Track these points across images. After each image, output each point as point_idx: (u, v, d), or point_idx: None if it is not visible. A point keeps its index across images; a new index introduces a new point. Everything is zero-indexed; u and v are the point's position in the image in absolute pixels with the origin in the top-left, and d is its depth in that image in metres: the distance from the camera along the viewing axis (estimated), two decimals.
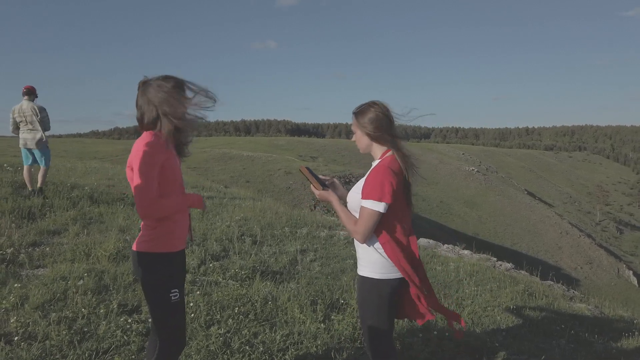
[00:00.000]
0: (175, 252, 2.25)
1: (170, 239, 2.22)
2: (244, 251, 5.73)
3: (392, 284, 2.26)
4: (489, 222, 54.26)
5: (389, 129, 2.29)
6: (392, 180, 2.17)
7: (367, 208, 2.18)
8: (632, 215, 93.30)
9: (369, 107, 2.31)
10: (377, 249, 2.26)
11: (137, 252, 2.19)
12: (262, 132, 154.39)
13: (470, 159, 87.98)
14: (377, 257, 2.26)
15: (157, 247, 2.18)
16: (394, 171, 2.22)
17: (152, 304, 2.21)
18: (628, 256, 64.76)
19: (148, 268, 2.17)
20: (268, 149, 59.46)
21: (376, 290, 2.27)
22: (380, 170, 2.21)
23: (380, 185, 2.16)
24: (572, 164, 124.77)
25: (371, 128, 2.29)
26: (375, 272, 2.27)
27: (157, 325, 2.23)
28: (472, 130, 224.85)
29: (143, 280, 2.20)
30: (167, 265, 2.21)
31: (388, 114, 2.31)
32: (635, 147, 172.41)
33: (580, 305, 5.80)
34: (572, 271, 46.54)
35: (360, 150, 2.40)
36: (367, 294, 2.30)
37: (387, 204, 2.16)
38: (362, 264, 2.33)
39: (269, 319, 3.60)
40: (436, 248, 7.99)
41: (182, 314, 2.30)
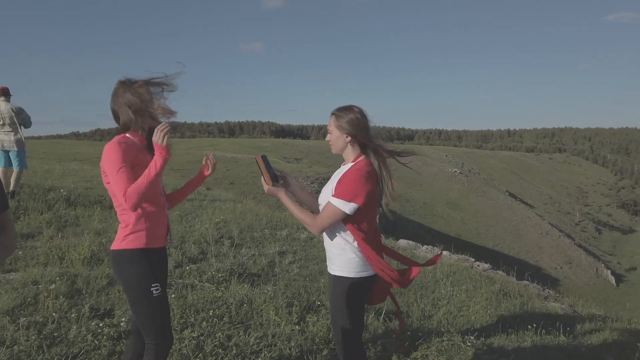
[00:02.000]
0: (152, 248, 2.27)
1: (145, 236, 2.25)
2: (222, 254, 5.71)
3: (364, 282, 2.33)
4: (471, 223, 54.92)
5: (366, 132, 2.35)
6: (366, 184, 2.24)
7: (334, 206, 2.24)
8: (611, 216, 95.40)
9: (348, 110, 2.38)
10: (353, 248, 2.31)
11: (114, 251, 2.23)
12: (247, 134, 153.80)
13: (453, 160, 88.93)
14: (353, 256, 2.32)
15: (132, 244, 2.21)
16: (369, 174, 2.28)
17: (135, 302, 2.22)
18: (606, 256, 66.15)
19: (126, 265, 2.20)
20: (252, 150, 59.28)
21: (350, 290, 2.32)
22: (356, 172, 2.27)
23: (353, 187, 2.23)
24: (553, 165, 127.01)
25: (349, 130, 2.34)
26: (350, 272, 2.33)
27: (144, 325, 2.23)
28: (455, 132, 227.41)
29: (123, 279, 2.22)
30: (145, 261, 2.23)
31: (366, 118, 2.38)
32: (613, 149, 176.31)
33: (554, 305, 5.92)
34: (552, 271, 47.35)
35: (333, 151, 2.45)
36: (341, 294, 2.34)
37: (356, 206, 2.23)
38: (335, 263, 2.37)
39: (243, 321, 3.61)
40: (415, 249, 8.06)
41: (167, 310, 2.31)
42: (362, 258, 2.31)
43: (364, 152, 2.38)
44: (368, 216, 2.32)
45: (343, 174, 2.32)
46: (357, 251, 2.31)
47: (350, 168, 2.34)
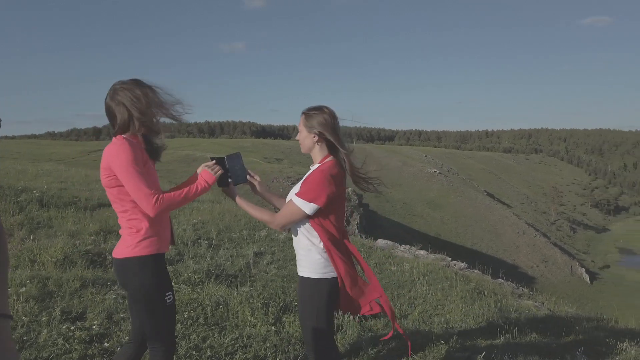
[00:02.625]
0: (163, 253, 2.26)
1: (158, 240, 2.22)
2: (199, 255, 5.67)
3: (331, 282, 2.33)
4: (450, 222, 55.61)
5: (334, 134, 2.36)
6: (329, 186, 2.25)
7: (295, 205, 2.27)
8: (585, 215, 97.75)
9: (318, 110, 2.39)
10: (318, 250, 2.32)
11: (126, 259, 2.15)
12: (227, 134, 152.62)
13: (433, 161, 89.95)
14: (318, 257, 2.33)
15: (146, 250, 2.16)
16: (333, 176, 2.28)
17: (150, 311, 2.17)
18: (581, 254, 67.78)
19: (141, 273, 2.15)
20: (233, 150, 58.78)
21: (317, 290, 2.33)
22: (321, 174, 2.27)
23: (316, 187, 2.24)
24: (529, 165, 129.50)
25: (317, 130, 2.35)
26: (315, 272, 2.33)
27: (157, 332, 2.20)
28: (435, 133, 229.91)
29: (136, 287, 2.15)
30: (159, 268, 2.21)
31: (335, 120, 2.38)
32: (587, 150, 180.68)
33: (528, 302, 6.05)
34: (528, 269, 48.29)
35: (302, 150, 2.46)
36: (307, 294, 2.36)
37: (316, 207, 2.24)
38: (302, 264, 2.38)
39: (219, 322, 3.59)
40: (393, 249, 8.14)
41: (175, 317, 2.31)
42: (328, 259, 2.32)
43: (332, 153, 2.38)
44: (334, 218, 2.32)
45: (307, 175, 2.34)
46: (322, 252, 2.31)
47: (315, 169, 2.35)
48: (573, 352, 4.26)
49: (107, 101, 2.20)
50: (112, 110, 2.19)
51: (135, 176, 2.06)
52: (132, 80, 2.22)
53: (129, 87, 2.18)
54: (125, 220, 2.19)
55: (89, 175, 12.57)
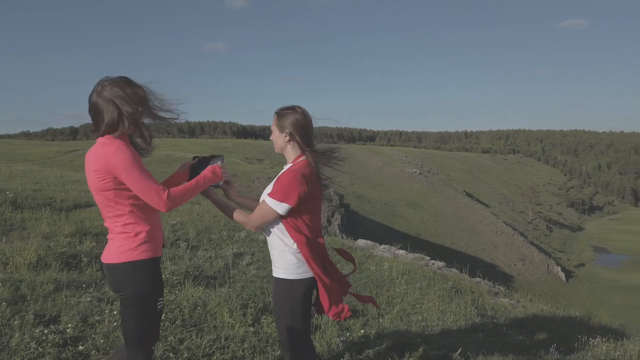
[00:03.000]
0: (159, 257, 2.22)
1: (155, 244, 2.19)
2: (178, 256, 5.62)
3: (306, 283, 2.33)
4: (430, 222, 56.15)
5: (305, 134, 2.36)
6: (300, 185, 2.24)
7: (268, 205, 2.27)
8: (561, 214, 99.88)
9: (291, 110, 2.39)
10: (292, 251, 2.32)
11: (123, 264, 2.10)
12: (207, 134, 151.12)
13: (413, 161, 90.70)
14: (292, 258, 2.33)
15: (145, 254, 2.13)
16: (305, 176, 2.28)
17: (138, 316, 2.13)
18: (557, 253, 69.24)
19: (138, 278, 2.11)
20: (213, 151, 58.35)
21: (290, 291, 2.33)
22: (291, 174, 2.27)
23: (287, 187, 2.24)
24: (507, 166, 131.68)
25: (290, 130, 2.35)
26: (289, 273, 2.33)
27: (138, 338, 2.16)
28: (415, 134, 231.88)
29: (131, 292, 2.11)
30: (156, 272, 2.18)
31: (308, 120, 2.39)
32: (563, 150, 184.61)
33: (504, 300, 6.17)
34: (506, 268, 49.09)
35: (275, 150, 2.47)
36: (282, 295, 2.36)
37: (288, 207, 2.25)
38: (277, 265, 2.38)
39: (197, 324, 3.57)
40: (373, 249, 8.19)
41: (160, 322, 2.31)
42: (302, 260, 2.32)
43: (304, 152, 2.38)
44: (308, 218, 2.32)
45: (279, 174, 2.35)
46: (296, 253, 2.31)
47: (287, 168, 2.36)
48: (546, 348, 4.36)
49: (94, 98, 2.09)
50: (99, 108, 2.08)
51: (142, 175, 2.03)
52: (122, 78, 2.13)
53: (119, 84, 2.10)
54: (120, 224, 2.13)
55: (65, 176, 12.33)
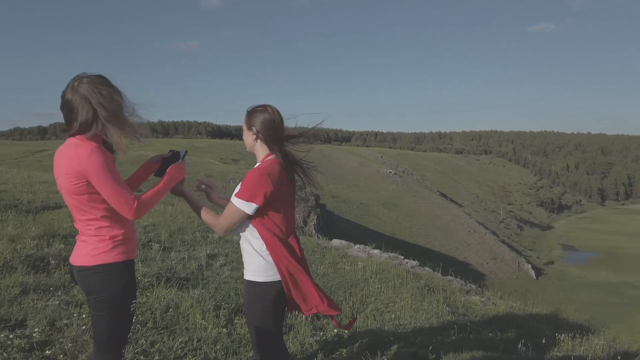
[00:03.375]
0: (133, 260, 2.19)
1: (130, 246, 2.16)
2: (150, 258, 5.54)
3: (277, 286, 2.29)
4: (405, 222, 56.84)
5: (273, 133, 2.33)
6: (266, 184, 2.21)
7: (235, 206, 2.24)
8: (531, 214, 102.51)
9: (260, 109, 2.37)
10: (261, 253, 2.29)
11: (97, 267, 2.06)
12: (182, 134, 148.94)
13: (389, 162, 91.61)
14: (261, 260, 2.29)
15: (118, 257, 2.09)
16: (271, 175, 2.24)
17: (110, 320, 2.09)
18: (527, 251, 71.02)
19: (113, 280, 2.07)
20: (188, 151, 57.65)
21: (261, 294, 2.30)
22: (257, 172, 2.24)
23: (252, 186, 2.21)
24: (480, 166, 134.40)
25: (259, 129, 2.34)
26: (259, 276, 2.30)
27: (109, 342, 2.12)
28: (390, 134, 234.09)
29: (105, 295, 2.06)
30: (129, 275, 2.14)
31: (278, 119, 2.36)
32: (533, 151, 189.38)
33: (475, 298, 6.30)
34: (478, 266, 50.08)
35: (247, 149, 2.47)
36: (252, 298, 2.33)
37: (256, 206, 2.22)
38: (247, 267, 2.36)
39: (168, 326, 3.53)
40: (348, 249, 8.24)
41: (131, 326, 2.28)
42: (271, 262, 2.28)
43: (273, 151, 2.35)
44: (277, 218, 2.29)
45: (247, 173, 2.32)
46: (266, 255, 2.28)
47: (254, 168, 2.33)
48: (515, 345, 4.48)
49: (68, 94, 2.00)
50: (73, 105, 1.99)
51: (113, 182, 1.99)
52: (99, 76, 2.05)
53: (96, 82, 2.02)
54: (94, 228, 2.08)
55: (32, 177, 11.98)
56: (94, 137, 2.05)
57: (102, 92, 2.01)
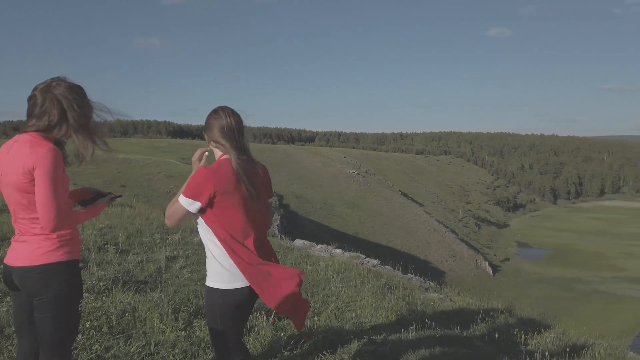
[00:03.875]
0: (78, 260, 2.15)
1: (74, 246, 2.12)
2: (106, 261, 5.37)
3: (237, 294, 2.24)
4: (368, 221, 57.51)
5: (223, 133, 2.27)
6: (207, 184, 2.16)
7: (179, 202, 2.20)
8: (488, 212, 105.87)
9: (212, 112, 2.33)
10: (219, 259, 2.24)
11: (40, 266, 2.01)
12: (141, 134, 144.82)
13: (352, 162, 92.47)
14: (219, 267, 2.24)
15: (64, 256, 2.05)
16: (217, 174, 2.19)
17: (56, 321, 2.04)
18: (485, 249, 73.30)
19: (59, 280, 2.03)
20: (147, 151, 56.33)
21: (218, 301, 2.24)
22: (204, 172, 2.19)
23: (196, 185, 2.17)
24: (439, 166, 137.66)
25: (206, 130, 2.33)
26: (217, 282, 2.24)
27: (56, 346, 2.06)
28: (353, 135, 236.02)
29: (50, 296, 2.01)
30: (76, 274, 2.11)
31: (221, 120, 2.28)
32: (490, 152, 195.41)
33: (433, 295, 6.46)
34: (438, 264, 51.30)
35: None
36: (210, 305, 2.28)
37: (199, 205, 2.18)
38: (208, 273, 2.31)
39: (125, 331, 3.44)
40: (310, 249, 8.27)
41: (78, 328, 2.23)
42: (231, 269, 2.22)
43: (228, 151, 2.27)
44: (229, 221, 2.21)
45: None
46: (224, 262, 2.22)
47: (205, 166, 2.28)
48: (471, 340, 4.63)
49: (42, 89, 2.01)
50: (42, 101, 1.99)
51: (51, 187, 1.95)
52: (79, 86, 2.09)
53: (74, 89, 2.05)
54: (39, 227, 2.04)
55: None
56: (49, 138, 2.03)
57: (77, 101, 2.05)
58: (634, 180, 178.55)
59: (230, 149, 2.24)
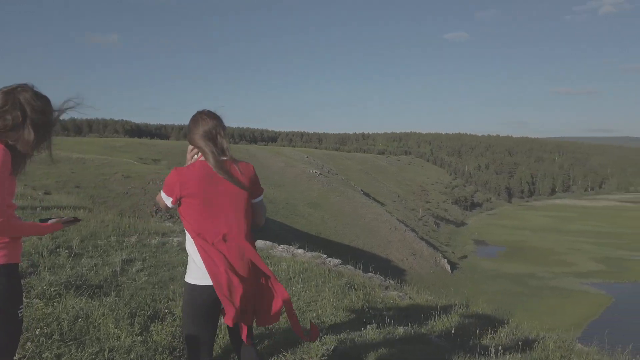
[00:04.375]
0: (17, 263, 2.09)
1: (15, 249, 2.07)
2: (58, 265, 5.17)
3: (202, 290, 2.28)
4: (330, 221, 57.79)
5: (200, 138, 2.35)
6: (176, 184, 2.27)
7: (160, 195, 2.37)
8: (447, 211, 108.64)
9: (191, 118, 2.43)
10: (193, 255, 2.32)
11: None
12: (96, 133, 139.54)
13: (314, 162, 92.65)
14: (191, 262, 2.33)
15: (4, 259, 2.00)
16: (182, 175, 2.28)
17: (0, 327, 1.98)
18: (443, 246, 75.18)
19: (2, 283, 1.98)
20: (103, 150, 54.39)
21: (190, 296, 2.32)
22: (173, 171, 2.32)
23: (170, 184, 2.30)
24: (400, 166, 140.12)
25: (187, 135, 2.43)
26: (189, 277, 2.34)
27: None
28: (316, 135, 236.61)
29: None
30: (15, 278, 2.05)
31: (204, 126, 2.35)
32: (448, 152, 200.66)
33: (393, 293, 6.57)
34: (399, 262, 52.21)
35: None
36: (185, 299, 2.37)
37: (171, 202, 2.31)
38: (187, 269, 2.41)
39: (77, 337, 3.32)
40: (272, 249, 8.24)
41: (20, 335, 2.19)
42: (201, 265, 2.27)
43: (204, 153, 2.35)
44: (198, 220, 2.27)
45: None
46: (196, 258, 2.29)
47: None
48: (428, 336, 4.75)
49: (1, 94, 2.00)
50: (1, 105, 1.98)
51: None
52: (45, 97, 2.10)
53: (42, 99, 2.06)
54: None
55: None
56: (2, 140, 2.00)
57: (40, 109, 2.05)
58: (582, 180, 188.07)
59: (208, 152, 2.31)
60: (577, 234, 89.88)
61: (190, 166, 2.32)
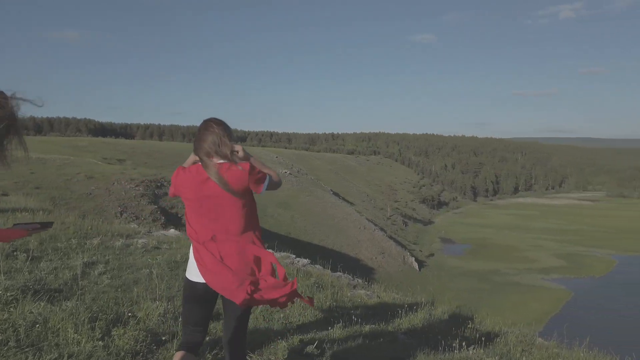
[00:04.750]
0: None
1: None
2: (15, 269, 4.97)
3: (193, 285, 2.47)
4: (300, 221, 57.70)
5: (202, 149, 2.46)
6: (173, 182, 2.50)
7: None
8: (415, 210, 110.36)
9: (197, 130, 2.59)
10: (191, 249, 2.50)
11: None
12: (58, 132, 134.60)
13: (284, 162, 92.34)
14: (190, 256, 2.51)
15: None
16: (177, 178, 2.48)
17: None
18: (411, 245, 76.33)
19: None
20: (65, 150, 52.56)
21: (186, 290, 2.54)
22: (177, 171, 2.52)
23: (171, 179, 2.53)
24: (369, 166, 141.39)
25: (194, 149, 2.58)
26: (187, 273, 2.53)
27: None
28: (285, 135, 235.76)
29: None
30: None
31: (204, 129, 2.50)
32: (416, 152, 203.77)
33: (361, 292, 6.63)
34: (368, 261, 52.67)
35: None
36: (183, 292, 2.59)
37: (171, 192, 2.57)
38: None
39: (35, 343, 3.20)
40: None
41: None
42: (191, 259, 2.48)
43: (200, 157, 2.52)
44: (190, 219, 2.47)
45: None
46: (191, 252, 2.48)
47: None
48: (394, 334, 4.81)
49: None
50: None
51: None
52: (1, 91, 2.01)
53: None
54: None
55: None
56: None
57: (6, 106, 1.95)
58: (543, 179, 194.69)
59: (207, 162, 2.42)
60: (539, 232, 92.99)
61: (187, 170, 2.47)
